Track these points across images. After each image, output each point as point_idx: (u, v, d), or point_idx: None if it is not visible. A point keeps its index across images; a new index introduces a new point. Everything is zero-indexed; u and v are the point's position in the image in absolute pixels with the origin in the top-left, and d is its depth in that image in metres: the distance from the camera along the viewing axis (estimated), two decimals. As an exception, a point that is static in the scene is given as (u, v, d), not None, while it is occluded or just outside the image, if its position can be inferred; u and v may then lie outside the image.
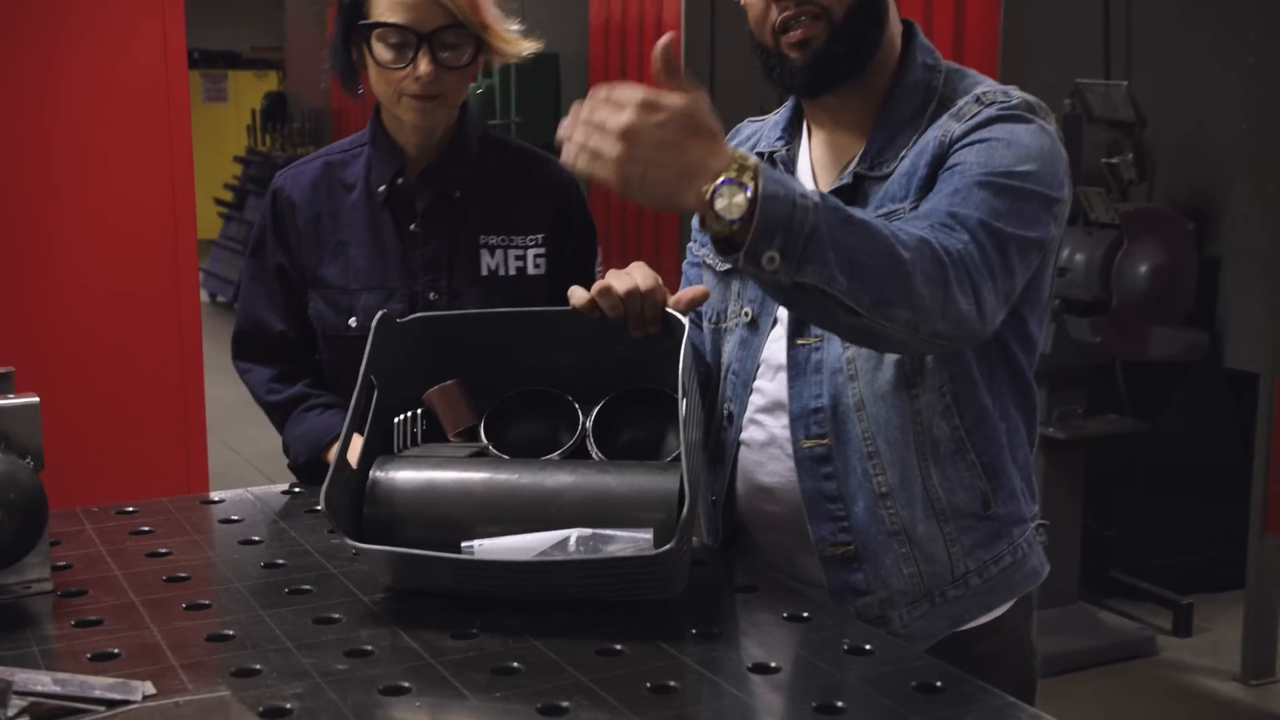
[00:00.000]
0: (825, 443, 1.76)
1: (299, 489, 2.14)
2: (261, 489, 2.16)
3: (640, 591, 1.61)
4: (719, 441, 1.90)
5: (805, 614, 1.63)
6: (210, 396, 3.58)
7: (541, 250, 2.26)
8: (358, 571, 1.75)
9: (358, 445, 1.75)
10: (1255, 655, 4.25)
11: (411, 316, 1.89)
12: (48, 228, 3.25)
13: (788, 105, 1.91)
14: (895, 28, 1.80)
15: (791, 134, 1.88)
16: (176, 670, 1.45)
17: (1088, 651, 4.31)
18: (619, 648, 1.51)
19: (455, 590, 1.63)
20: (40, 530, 1.64)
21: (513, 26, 2.19)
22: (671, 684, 1.42)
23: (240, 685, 1.41)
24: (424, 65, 2.10)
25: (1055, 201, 1.66)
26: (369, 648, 1.51)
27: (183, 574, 1.76)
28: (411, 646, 1.52)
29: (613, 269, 1.78)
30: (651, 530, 1.60)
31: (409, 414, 1.88)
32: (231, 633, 1.56)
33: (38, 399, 1.68)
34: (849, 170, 1.78)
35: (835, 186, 1.77)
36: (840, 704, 1.38)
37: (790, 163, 1.86)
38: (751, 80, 1.84)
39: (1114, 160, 4.39)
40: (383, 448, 1.83)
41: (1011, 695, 1.42)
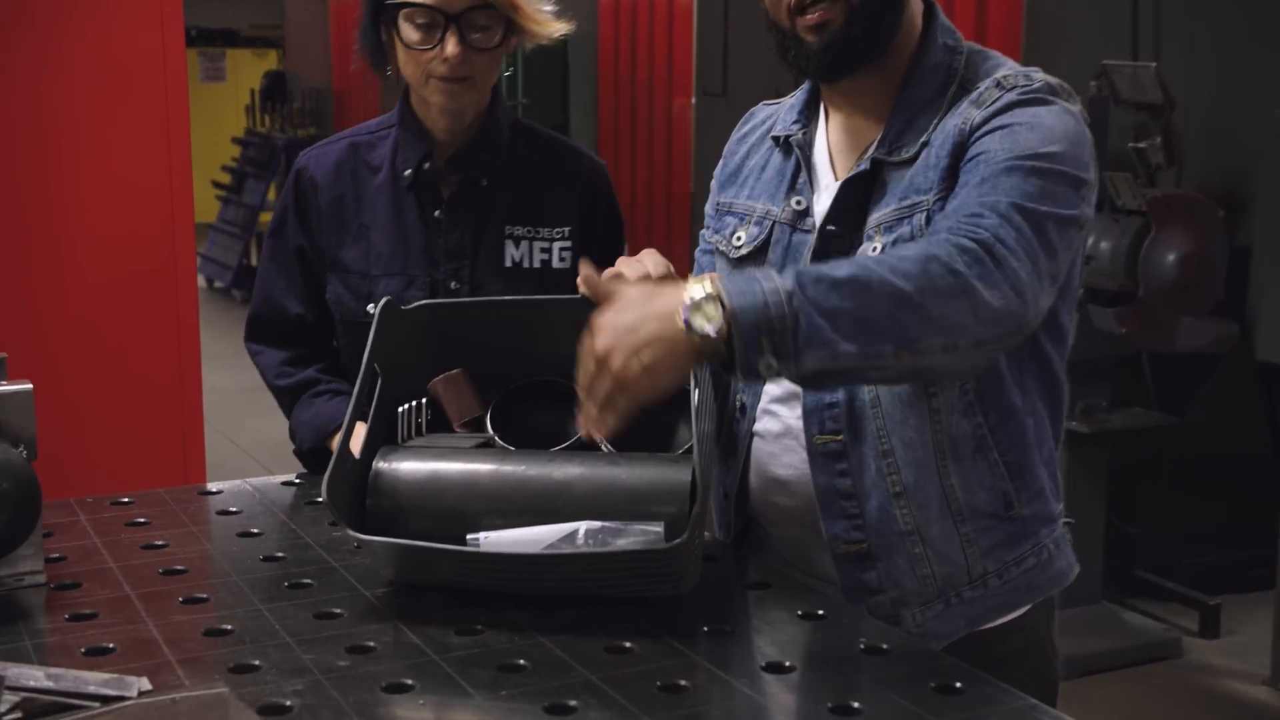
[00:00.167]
0: (839, 439, 1.76)
1: (299, 480, 2.15)
2: (260, 480, 2.17)
3: (651, 587, 1.62)
4: (731, 433, 1.90)
5: (820, 612, 1.63)
6: (207, 384, 3.59)
7: (568, 243, 2.26)
8: (360, 565, 1.76)
9: (361, 434, 1.75)
10: (1285, 658, 4.24)
11: (417, 303, 1.89)
12: (41, 212, 3.25)
13: (804, 88, 1.91)
14: (915, 7, 1.79)
15: (808, 117, 1.88)
16: (173, 666, 1.46)
17: (1111, 653, 4.31)
18: (628, 645, 1.52)
19: (460, 585, 1.64)
20: (33, 521, 1.65)
21: (545, 7, 2.19)
22: (682, 683, 1.43)
23: (239, 682, 1.42)
24: (451, 46, 2.11)
25: (1083, 183, 1.66)
26: (371, 644, 1.52)
27: (180, 567, 1.77)
28: (415, 643, 1.52)
29: (623, 256, 1.78)
30: (663, 524, 1.61)
31: (413, 403, 1.88)
32: (230, 628, 1.56)
33: (31, 386, 1.69)
34: (867, 155, 1.77)
35: (853, 173, 1.77)
36: (856, 705, 1.38)
37: (807, 146, 1.86)
38: (766, 62, 1.84)
39: (1141, 144, 4.37)
40: (386, 438, 1.83)
41: (1033, 697, 1.42)
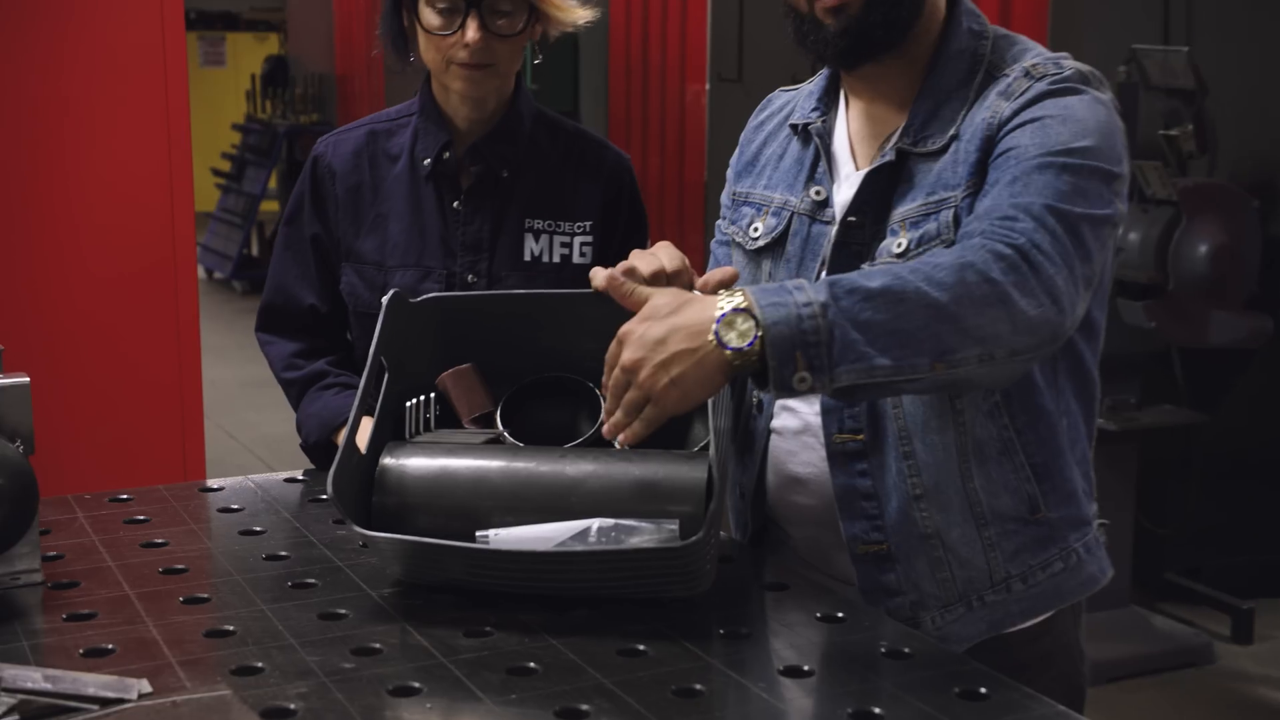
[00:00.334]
0: (860, 438, 1.76)
1: (302, 476, 2.15)
2: (263, 476, 2.17)
3: (665, 587, 1.62)
4: (748, 430, 1.90)
5: (839, 614, 1.63)
6: (206, 378, 3.60)
7: (589, 239, 2.26)
8: (366, 564, 1.76)
9: (368, 429, 1.76)
10: (1321, 664, 4.24)
11: (425, 296, 1.90)
12: (37, 201, 3.26)
13: (823, 74, 1.90)
14: (938, -9, 1.79)
15: (828, 104, 1.88)
16: (174, 667, 1.46)
17: (1140, 659, 4.30)
18: (642, 648, 1.52)
19: (469, 584, 1.64)
20: (30, 518, 1.66)
21: None
22: (697, 687, 1.43)
23: (241, 684, 1.42)
24: (473, 31, 2.11)
25: (1116, 177, 1.65)
26: (377, 645, 1.52)
27: (180, 565, 1.77)
28: (422, 644, 1.52)
29: (637, 249, 1.78)
30: (677, 522, 1.61)
31: (421, 398, 1.89)
32: (232, 628, 1.57)
33: (28, 379, 1.70)
34: (891, 146, 1.77)
35: (877, 164, 1.76)
36: (877, 710, 1.38)
37: (827, 135, 1.85)
38: (782, 47, 1.83)
39: (1172, 132, 4.36)
40: (394, 433, 1.84)
41: (1059, 703, 1.42)
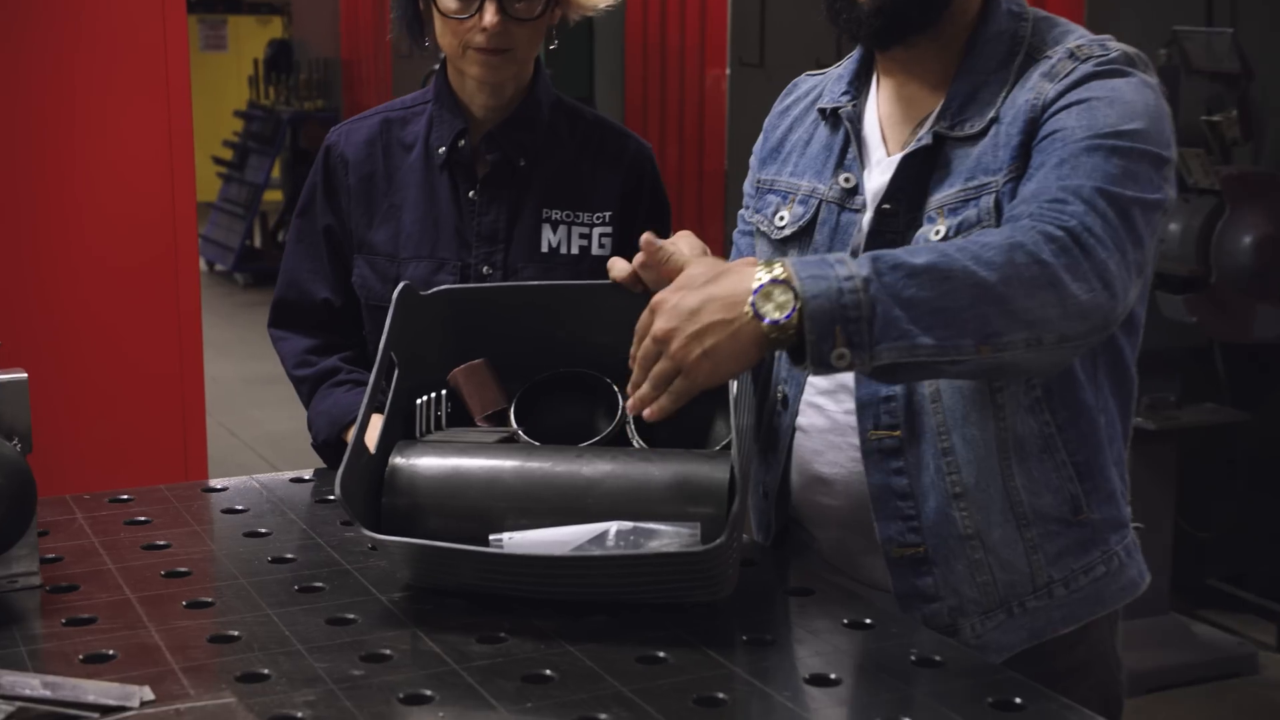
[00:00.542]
0: (897, 434, 1.76)
1: (309, 476, 2.16)
2: (268, 476, 2.18)
3: (685, 592, 1.62)
4: (771, 427, 1.90)
5: (868, 620, 1.63)
6: (208, 375, 3.60)
7: (608, 229, 2.27)
8: (375, 567, 1.76)
9: (377, 427, 1.76)
10: (1370, 674, 4.22)
11: (436, 289, 1.90)
12: (32, 191, 3.26)
13: (854, 56, 1.90)
14: (975, -30, 1.79)
15: (858, 87, 1.88)
16: (177, 674, 1.47)
17: (1180, 668, 4.29)
18: (662, 655, 1.52)
19: (482, 589, 1.64)
20: (28, 519, 1.66)
21: None
22: (720, 696, 1.43)
23: (246, 691, 1.43)
24: (490, 15, 2.12)
25: (1166, 161, 1.65)
26: (387, 651, 1.53)
27: (183, 569, 1.78)
28: (434, 651, 1.53)
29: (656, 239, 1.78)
30: (699, 525, 1.61)
31: (433, 395, 1.89)
32: (237, 633, 1.57)
33: (25, 375, 1.70)
34: (927, 129, 1.77)
35: (913, 148, 1.76)
36: (907, 720, 1.38)
37: (857, 119, 1.85)
38: (806, 30, 1.83)
39: (1215, 118, 4.34)
40: (404, 432, 1.84)
41: (1096, 714, 1.42)
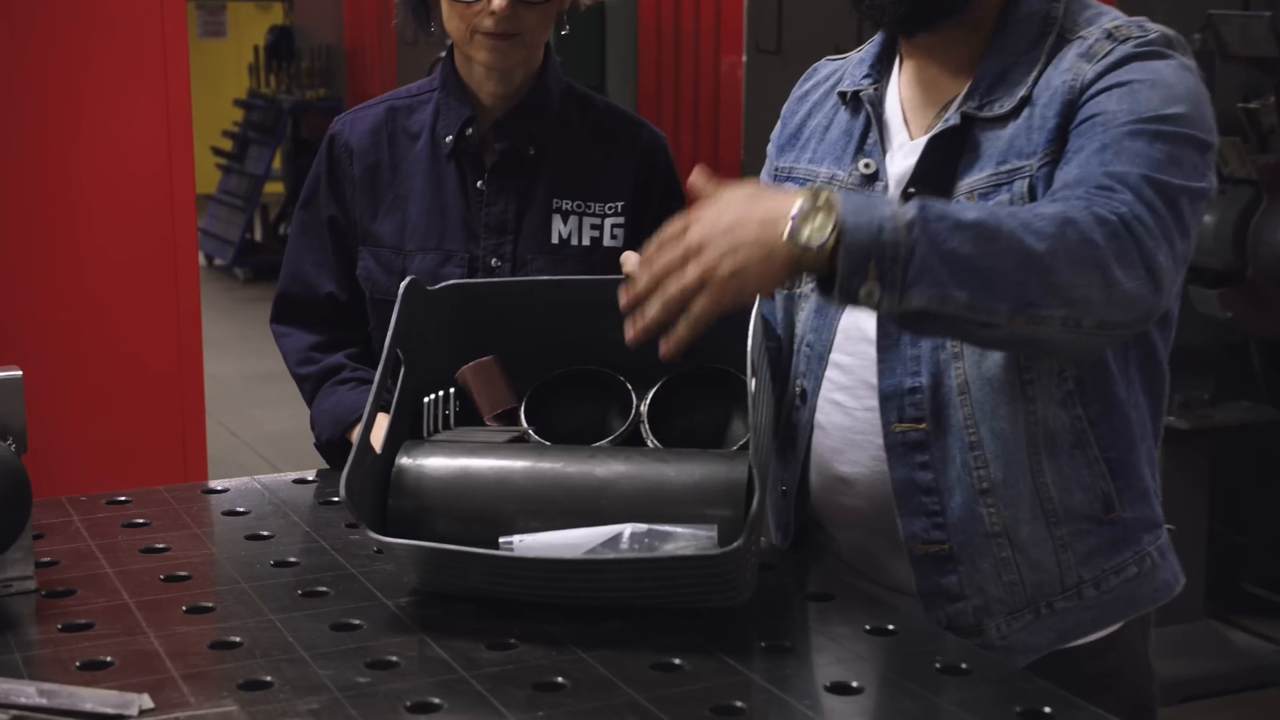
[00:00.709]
0: (922, 427, 1.76)
1: (312, 477, 2.16)
2: (270, 477, 2.18)
3: (702, 597, 1.62)
4: (789, 425, 1.90)
5: (890, 626, 1.63)
6: (207, 372, 3.61)
7: (620, 220, 2.27)
8: (381, 571, 1.77)
9: (383, 427, 1.76)
10: None
11: (444, 284, 1.90)
12: (27, 183, 3.27)
13: (876, 40, 1.90)
14: (1005, -49, 1.78)
15: (880, 71, 1.87)
16: (177, 681, 1.47)
17: (1215, 677, 4.28)
18: (677, 662, 1.52)
19: (491, 593, 1.65)
20: (22, 521, 1.67)
21: None
22: (737, 704, 1.43)
23: (249, 699, 1.43)
24: None
25: (1209, 147, 1.65)
26: (394, 658, 1.53)
27: (182, 572, 1.78)
28: (442, 657, 1.53)
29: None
30: (715, 527, 1.61)
31: (440, 394, 1.89)
32: (238, 639, 1.57)
33: (20, 373, 1.71)
34: (954, 109, 1.76)
35: (939, 129, 1.76)
36: (932, 729, 1.38)
37: (878, 103, 1.85)
38: (825, 15, 1.83)
39: (1252, 105, 4.32)
40: (410, 431, 1.84)
41: (1130, 723, 1.42)
